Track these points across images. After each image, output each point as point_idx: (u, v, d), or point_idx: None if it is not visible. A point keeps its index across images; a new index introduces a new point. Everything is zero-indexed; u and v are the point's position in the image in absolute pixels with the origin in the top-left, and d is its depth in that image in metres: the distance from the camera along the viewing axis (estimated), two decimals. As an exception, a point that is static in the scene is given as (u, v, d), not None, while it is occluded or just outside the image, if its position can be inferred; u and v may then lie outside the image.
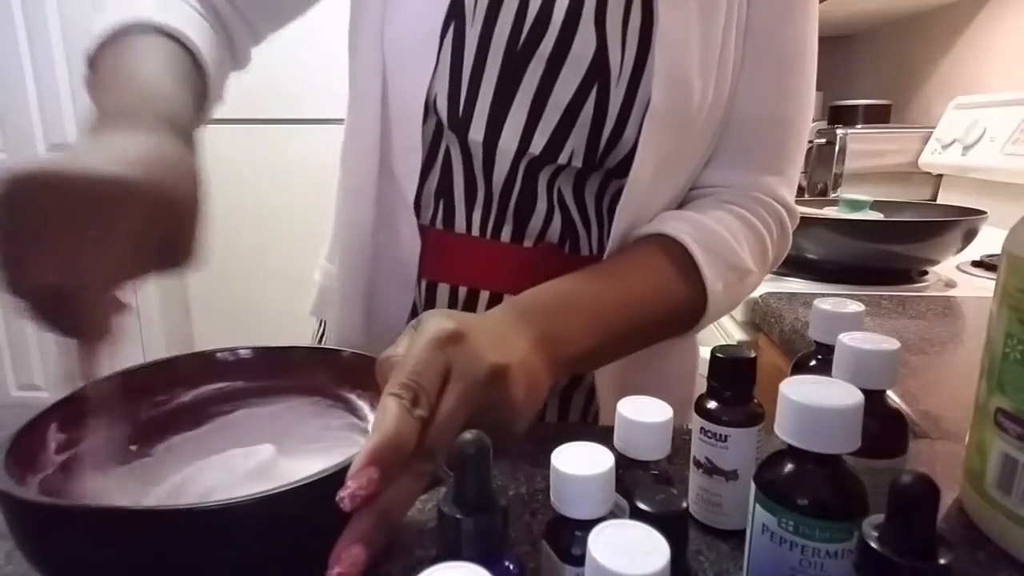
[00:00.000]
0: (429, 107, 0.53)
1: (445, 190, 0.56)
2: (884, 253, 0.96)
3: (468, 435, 0.25)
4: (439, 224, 0.56)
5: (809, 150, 1.87)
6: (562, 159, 0.53)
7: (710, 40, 0.51)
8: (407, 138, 0.53)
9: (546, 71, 0.50)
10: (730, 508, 0.38)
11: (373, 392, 0.42)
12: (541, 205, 0.55)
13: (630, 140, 0.52)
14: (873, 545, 0.23)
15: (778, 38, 0.55)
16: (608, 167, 0.54)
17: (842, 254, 0.97)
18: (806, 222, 0.99)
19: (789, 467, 0.29)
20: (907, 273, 1.01)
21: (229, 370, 0.45)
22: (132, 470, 0.40)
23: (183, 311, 2.42)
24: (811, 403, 0.28)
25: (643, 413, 0.33)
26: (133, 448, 0.41)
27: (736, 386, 0.37)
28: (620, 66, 0.50)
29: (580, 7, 0.50)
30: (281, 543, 0.30)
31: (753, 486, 0.30)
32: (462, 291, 0.57)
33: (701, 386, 0.40)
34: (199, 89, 0.46)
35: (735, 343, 0.75)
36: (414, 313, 0.59)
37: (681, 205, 0.59)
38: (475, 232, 0.56)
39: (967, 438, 0.41)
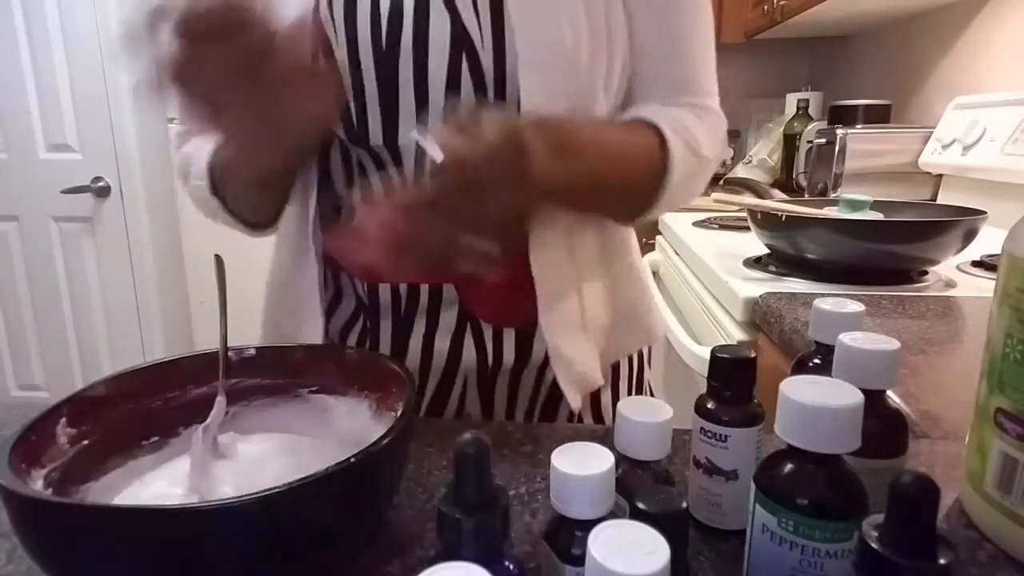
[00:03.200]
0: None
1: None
2: (884, 253, 0.96)
3: (468, 435, 0.25)
4: None
5: (809, 150, 1.88)
6: None
7: None
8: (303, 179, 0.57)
9: (415, 59, 0.52)
10: (730, 508, 0.38)
11: (381, 394, 0.43)
12: None
13: (514, 97, 0.53)
14: (873, 545, 0.23)
15: None
16: None
17: (842, 254, 0.97)
18: (806, 222, 0.99)
19: (789, 467, 0.29)
20: (907, 273, 1.01)
21: (237, 368, 0.46)
22: (145, 463, 0.41)
23: (183, 311, 2.42)
24: (811, 403, 0.28)
25: (643, 413, 0.33)
26: (144, 443, 0.42)
27: (736, 386, 0.37)
28: (479, 32, 0.52)
29: None
30: (281, 542, 0.30)
31: (753, 486, 0.30)
32: (403, 290, 0.58)
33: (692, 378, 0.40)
34: None
35: (735, 343, 0.75)
36: (355, 316, 0.62)
37: None
38: None
39: (967, 438, 0.41)
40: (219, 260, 0.45)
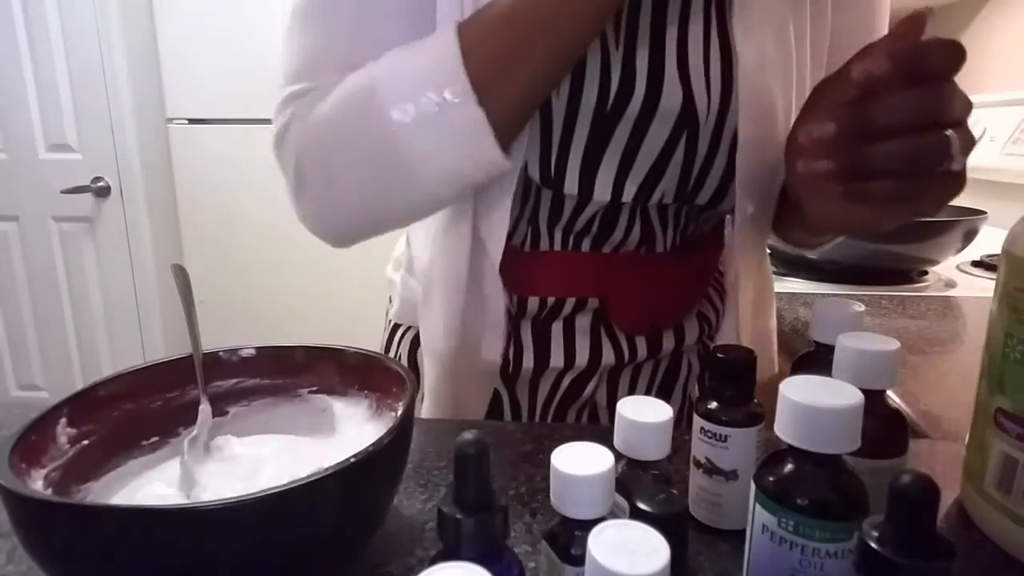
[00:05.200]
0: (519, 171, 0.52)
1: (533, 220, 0.56)
2: (884, 253, 0.96)
3: (468, 435, 0.25)
4: (527, 247, 0.58)
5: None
6: (653, 200, 0.53)
7: (786, 58, 0.51)
8: (496, 211, 0.53)
9: (634, 128, 0.50)
10: (730, 508, 0.38)
11: (381, 393, 0.43)
12: (623, 222, 0.55)
13: (720, 170, 0.52)
14: (873, 545, 0.23)
15: (859, 34, 0.55)
16: (700, 202, 0.54)
17: (842, 254, 0.97)
18: (806, 222, 0.99)
19: (789, 467, 0.29)
20: (907, 273, 1.01)
21: (237, 368, 0.46)
22: (145, 463, 0.41)
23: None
24: (811, 403, 0.28)
25: (643, 413, 0.33)
26: (144, 443, 0.42)
27: (736, 386, 0.37)
28: (707, 110, 0.50)
29: (662, 65, 0.49)
30: (282, 542, 0.30)
31: (753, 486, 0.30)
32: (550, 301, 0.58)
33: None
34: None
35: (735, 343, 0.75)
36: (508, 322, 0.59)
37: None
38: (557, 247, 0.57)
39: (967, 438, 0.41)
40: (179, 269, 0.43)
